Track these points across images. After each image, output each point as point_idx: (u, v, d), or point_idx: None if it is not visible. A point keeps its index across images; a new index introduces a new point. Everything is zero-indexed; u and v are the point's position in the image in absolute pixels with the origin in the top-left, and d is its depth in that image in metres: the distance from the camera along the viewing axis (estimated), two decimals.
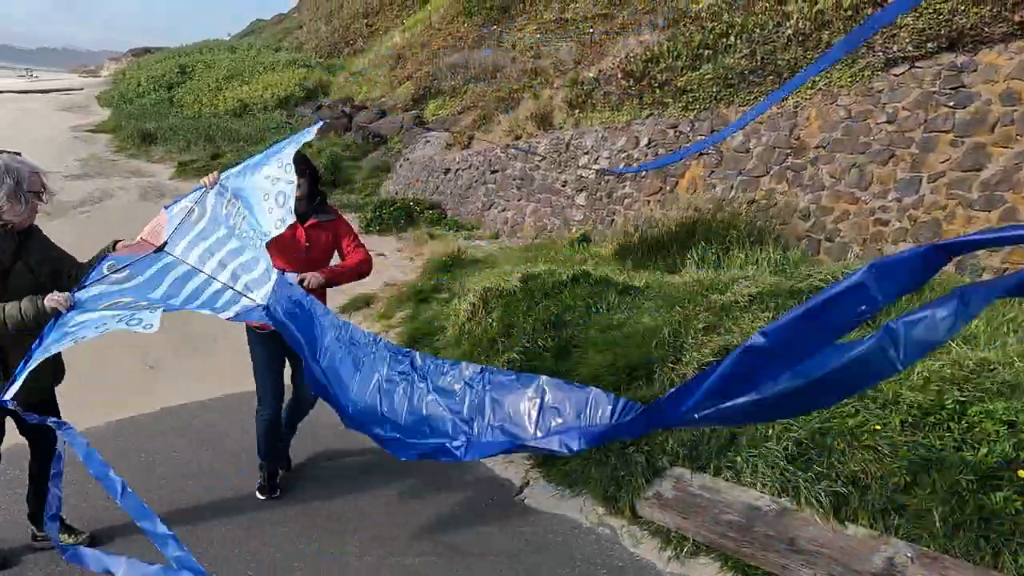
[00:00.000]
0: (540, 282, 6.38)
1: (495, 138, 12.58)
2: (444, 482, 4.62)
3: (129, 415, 5.54)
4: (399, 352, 3.48)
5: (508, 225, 11.28)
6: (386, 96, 22.93)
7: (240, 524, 4.11)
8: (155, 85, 34.64)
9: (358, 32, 36.92)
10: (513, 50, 20.55)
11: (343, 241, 4.27)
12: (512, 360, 5.43)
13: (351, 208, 13.43)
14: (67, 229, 11.26)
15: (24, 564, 3.74)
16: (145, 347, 6.85)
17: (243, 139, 19.96)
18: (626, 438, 3.54)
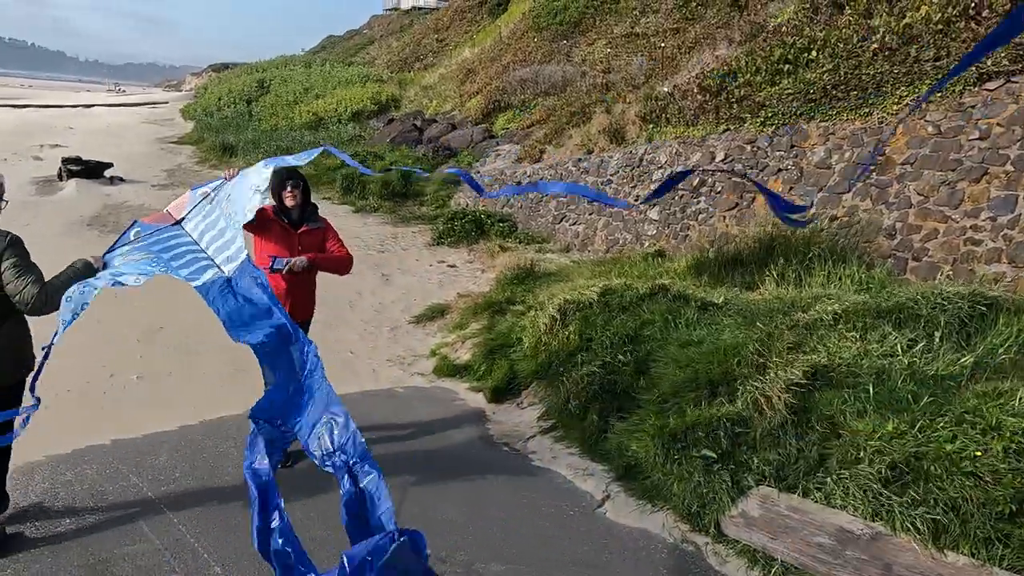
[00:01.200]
0: (618, 296, 6.39)
1: (567, 152, 12.65)
2: (523, 491, 4.67)
3: (219, 415, 5.78)
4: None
5: (579, 239, 11.31)
6: (456, 110, 23.30)
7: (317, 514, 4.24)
8: (235, 99, 36.00)
9: (428, 47, 37.67)
10: (583, 64, 20.65)
11: (328, 243, 4.85)
12: (591, 373, 5.46)
13: (422, 220, 13.69)
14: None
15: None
16: (233, 351, 7.12)
17: None
18: None
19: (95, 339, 7.08)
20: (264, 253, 4.71)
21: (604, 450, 5.02)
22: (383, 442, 5.40)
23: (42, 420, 5.45)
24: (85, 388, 6.08)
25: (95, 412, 5.67)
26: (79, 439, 5.17)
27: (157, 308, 8.11)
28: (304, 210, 4.76)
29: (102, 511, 4.30)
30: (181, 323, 7.78)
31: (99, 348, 6.90)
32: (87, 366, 6.49)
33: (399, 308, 8.79)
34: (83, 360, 6.53)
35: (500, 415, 5.99)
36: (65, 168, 16.82)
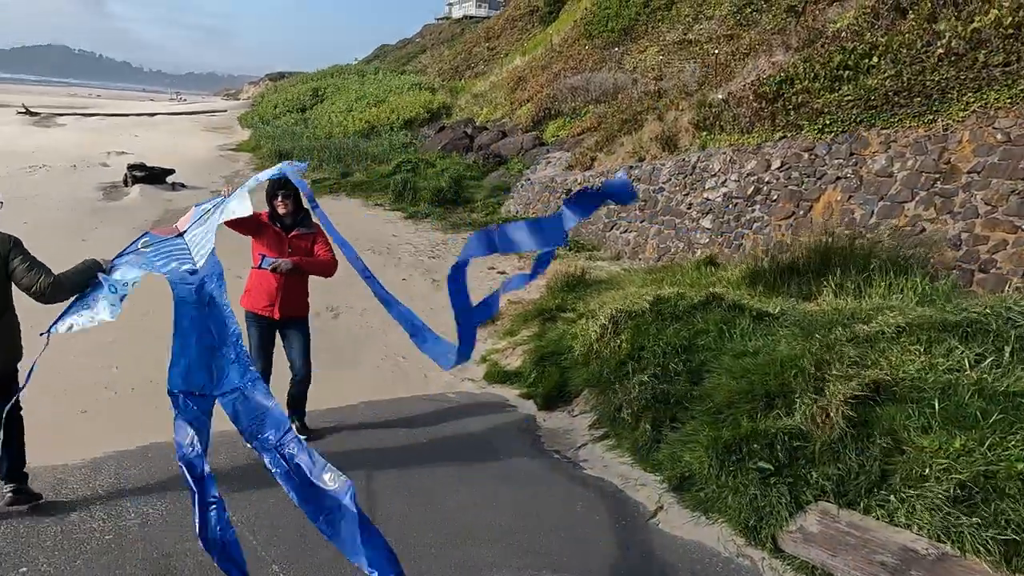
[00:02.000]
0: (671, 305, 6.32)
1: (618, 159, 12.60)
2: (574, 499, 4.65)
3: None
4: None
5: (630, 247, 11.25)
6: (506, 117, 23.43)
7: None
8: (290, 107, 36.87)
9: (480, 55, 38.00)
10: (635, 72, 20.56)
11: (316, 247, 5.17)
12: (644, 383, 5.41)
13: (472, 226, 13.77)
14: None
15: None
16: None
17: (370, 158, 20.88)
18: None
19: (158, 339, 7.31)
20: (257, 254, 5.16)
21: (656, 460, 4.97)
22: (434, 447, 5.44)
23: (109, 416, 5.67)
24: (148, 387, 6.27)
25: (160, 410, 5.83)
26: (144, 436, 5.34)
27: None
28: (295, 216, 5.12)
29: (165, 506, 4.43)
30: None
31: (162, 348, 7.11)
32: (150, 365, 6.70)
33: (450, 314, 8.81)
34: (146, 359, 6.74)
35: (551, 422, 5.98)
36: (130, 174, 17.44)
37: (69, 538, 4.04)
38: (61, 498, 4.45)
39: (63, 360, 6.63)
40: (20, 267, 3.87)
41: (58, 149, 23.86)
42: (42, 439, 5.18)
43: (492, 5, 65.50)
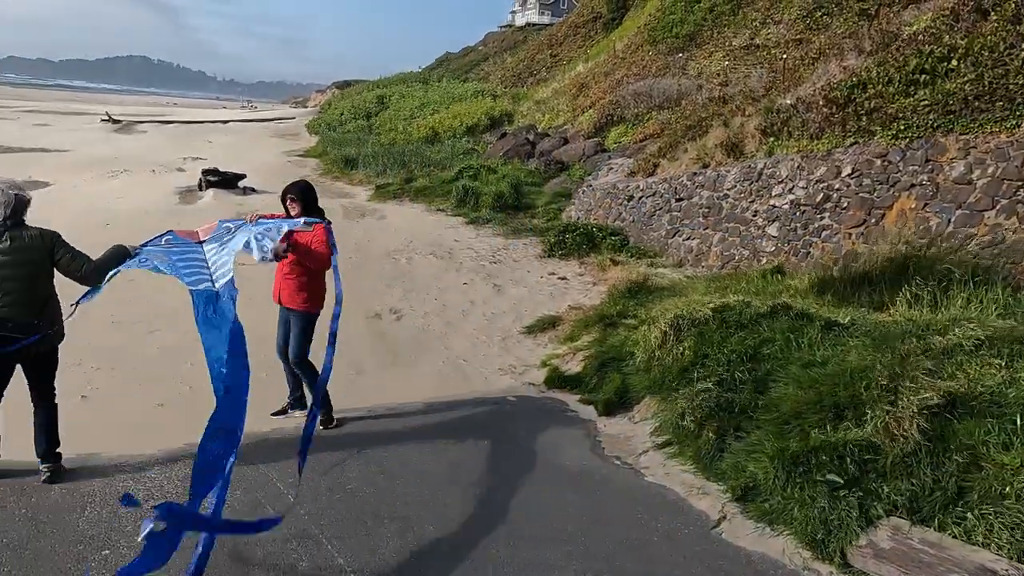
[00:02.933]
0: (735, 313, 6.23)
1: (682, 166, 12.46)
2: (636, 506, 4.62)
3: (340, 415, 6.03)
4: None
5: (693, 254, 11.10)
6: (568, 124, 23.44)
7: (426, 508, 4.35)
8: (355, 114, 37.66)
9: (542, 62, 38.13)
10: (700, 77, 20.31)
11: (313, 243, 5.56)
12: (707, 391, 5.35)
13: (533, 232, 13.82)
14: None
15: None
16: (355, 354, 7.45)
17: (433, 164, 21.16)
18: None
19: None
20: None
21: (720, 469, 4.90)
22: (494, 448, 5.48)
23: (184, 410, 5.90)
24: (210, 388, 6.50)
25: None
26: None
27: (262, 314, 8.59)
28: (305, 215, 5.62)
29: (236, 499, 4.58)
30: None
31: None
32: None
33: (510, 318, 8.91)
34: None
35: (611, 428, 5.96)
36: (204, 179, 18.12)
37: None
38: (140, 486, 4.65)
39: (142, 356, 6.94)
40: (65, 258, 4.51)
41: (138, 155, 24.95)
42: (122, 431, 5.45)
43: (555, 12, 65.69)
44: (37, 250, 4.46)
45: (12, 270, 4.36)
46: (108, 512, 4.33)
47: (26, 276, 4.41)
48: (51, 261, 4.51)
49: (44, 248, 4.49)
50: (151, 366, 6.76)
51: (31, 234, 4.50)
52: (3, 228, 4.42)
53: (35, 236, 4.51)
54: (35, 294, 4.45)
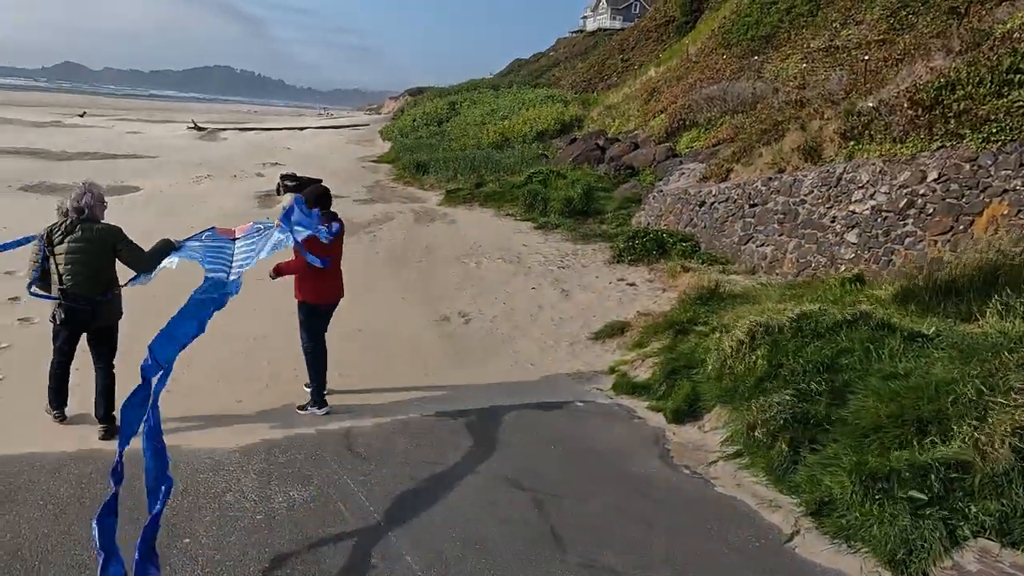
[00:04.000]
0: (813, 322, 6.04)
1: (756, 171, 12.18)
2: (705, 516, 4.53)
3: (408, 415, 6.12)
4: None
5: (767, 261, 10.82)
6: (639, 129, 23.22)
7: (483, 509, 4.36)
8: (427, 120, 38.24)
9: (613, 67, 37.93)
10: (776, 80, 19.81)
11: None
12: (782, 401, 5.20)
13: (602, 237, 13.72)
14: (354, 247, 12.78)
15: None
16: (424, 356, 7.55)
17: (503, 169, 21.27)
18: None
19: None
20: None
21: (793, 482, 4.75)
22: (560, 453, 5.46)
23: (260, 406, 6.09)
24: (295, 382, 6.69)
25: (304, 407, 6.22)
26: (291, 427, 5.71)
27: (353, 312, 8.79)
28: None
29: (310, 493, 4.71)
30: (374, 326, 8.37)
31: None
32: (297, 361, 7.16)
33: (578, 323, 8.87)
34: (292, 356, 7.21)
35: (680, 437, 5.85)
36: (282, 183, 18.59)
37: (225, 515, 4.38)
38: (218, 479, 4.83)
39: (222, 353, 7.21)
40: (126, 249, 5.42)
41: (220, 161, 25.97)
42: (202, 425, 5.67)
43: (627, 17, 65.25)
44: (102, 242, 5.33)
45: (82, 256, 5.25)
46: (189, 502, 4.51)
47: (92, 262, 5.29)
48: (113, 251, 5.38)
49: (108, 240, 5.36)
50: (229, 363, 7.01)
51: (99, 228, 5.36)
52: (78, 222, 5.30)
53: (102, 230, 5.38)
54: (99, 277, 5.34)
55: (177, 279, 6.05)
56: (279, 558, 3.98)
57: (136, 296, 5.96)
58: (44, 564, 3.83)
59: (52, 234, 5.28)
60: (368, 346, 7.74)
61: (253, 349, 7.43)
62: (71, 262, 5.22)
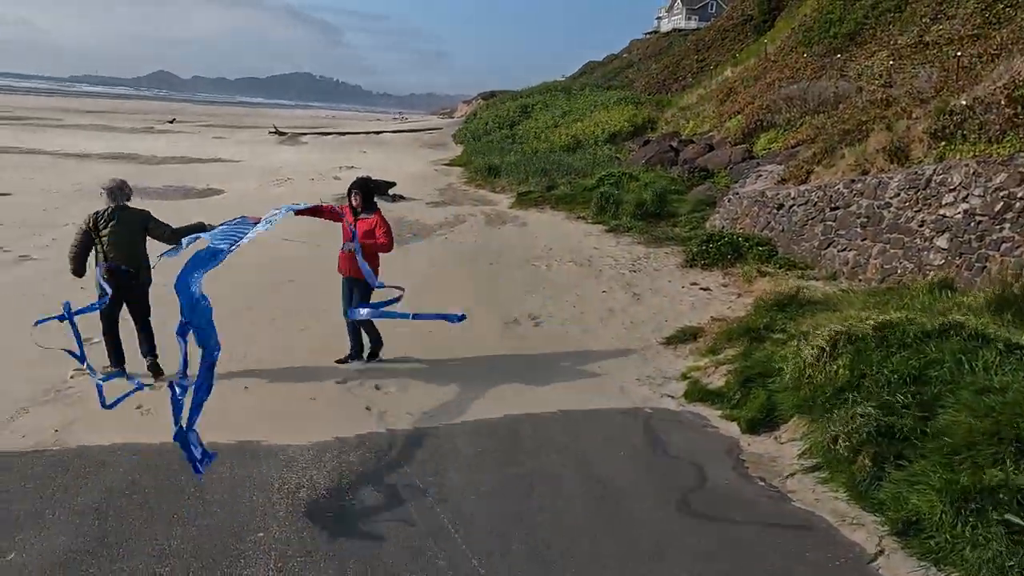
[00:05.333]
0: (899, 331, 5.75)
1: (838, 173, 11.73)
2: (782, 530, 4.36)
3: (476, 418, 6.12)
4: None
5: (848, 266, 10.40)
6: (714, 130, 22.75)
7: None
8: (499, 124, 38.44)
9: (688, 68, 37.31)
10: (859, 79, 19.08)
11: (376, 228, 6.98)
12: (865, 414, 4.96)
13: (675, 241, 13.48)
14: (426, 249, 12.94)
15: None
16: (494, 359, 7.56)
17: (574, 172, 21.18)
18: None
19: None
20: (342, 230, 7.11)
21: (877, 499, 4.52)
22: (629, 460, 5.37)
23: (333, 405, 6.21)
24: (367, 382, 6.80)
25: (374, 408, 6.32)
26: (362, 426, 5.80)
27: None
28: (364, 206, 7.09)
29: (379, 492, 4.77)
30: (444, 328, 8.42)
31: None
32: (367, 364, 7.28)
33: (649, 328, 8.72)
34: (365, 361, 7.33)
35: (755, 447, 5.66)
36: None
37: (297, 511, 4.48)
38: (292, 474, 4.94)
39: (295, 353, 7.39)
40: (156, 227, 6.57)
41: (300, 164, 26.77)
42: (278, 421, 5.82)
43: (703, 17, 64.11)
44: (136, 223, 6.52)
45: (120, 236, 6.39)
46: (263, 496, 4.63)
47: (128, 240, 6.43)
48: (145, 231, 6.54)
49: (141, 222, 6.54)
50: (304, 362, 7.17)
51: (132, 212, 6.57)
52: (116, 210, 6.46)
53: (135, 213, 6.58)
54: (133, 252, 6.46)
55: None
56: (348, 556, 4.04)
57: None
58: (127, 552, 3.99)
59: (97, 221, 6.40)
60: (438, 348, 7.80)
61: (324, 349, 7.58)
62: (112, 241, 6.37)
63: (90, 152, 25.73)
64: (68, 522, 4.24)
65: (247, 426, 5.62)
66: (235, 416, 5.79)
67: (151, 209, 6.94)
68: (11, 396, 5.92)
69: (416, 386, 6.73)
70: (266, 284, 9.93)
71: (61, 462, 4.94)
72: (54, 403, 5.89)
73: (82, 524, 4.22)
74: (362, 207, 7.09)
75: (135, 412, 5.81)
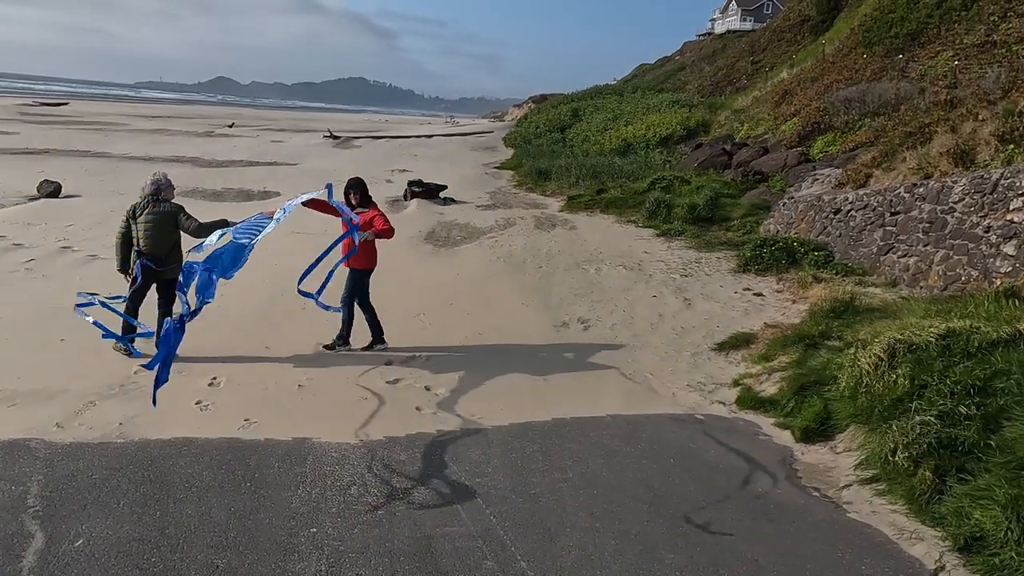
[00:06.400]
0: (962, 340, 5.57)
1: (899, 176, 11.40)
2: (837, 543, 4.26)
3: (524, 420, 6.14)
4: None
5: (909, 273, 10.09)
6: (769, 133, 22.33)
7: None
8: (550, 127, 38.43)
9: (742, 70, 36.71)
10: (922, 80, 18.50)
11: (375, 220, 7.51)
12: (926, 424, 4.81)
13: (727, 246, 13.28)
14: (476, 252, 13.02)
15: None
16: (542, 362, 7.57)
17: (625, 176, 21.03)
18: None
19: (434, 340, 7.99)
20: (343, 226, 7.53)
21: (938, 513, 4.38)
22: (680, 467, 5.31)
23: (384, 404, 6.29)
24: (418, 383, 6.87)
25: (427, 407, 6.39)
26: (413, 426, 5.86)
27: (474, 316, 8.94)
28: (361, 203, 7.74)
29: (429, 492, 4.82)
30: (494, 331, 8.47)
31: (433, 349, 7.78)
32: (418, 364, 7.36)
33: (701, 334, 8.61)
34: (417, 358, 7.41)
35: (809, 456, 5.54)
36: (409, 189, 19.34)
37: (349, 508, 4.56)
38: (344, 472, 5.03)
39: (347, 353, 7.52)
40: (185, 221, 7.06)
41: (353, 167, 27.19)
42: (330, 419, 5.93)
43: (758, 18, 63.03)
44: (169, 216, 7.05)
45: (154, 228, 6.98)
46: (317, 492, 4.72)
47: (161, 232, 7.00)
48: (176, 223, 7.05)
49: (172, 215, 7.07)
50: (355, 363, 7.29)
51: (167, 205, 7.10)
52: (152, 202, 7.03)
53: (168, 206, 7.11)
54: (166, 243, 7.04)
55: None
56: (398, 554, 4.09)
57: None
58: (186, 543, 4.12)
59: (135, 210, 7.04)
60: (487, 351, 7.84)
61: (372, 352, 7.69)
62: (146, 230, 6.97)
63: (154, 156, 26.61)
64: (132, 512, 4.39)
65: (301, 424, 5.75)
66: (290, 414, 5.93)
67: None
68: (79, 390, 6.16)
69: (465, 388, 6.78)
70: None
71: (125, 454, 5.12)
72: (118, 397, 6.11)
73: (144, 514, 4.38)
74: (359, 204, 7.76)
75: (194, 408, 5.99)
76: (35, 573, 3.79)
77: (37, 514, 4.31)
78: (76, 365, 6.71)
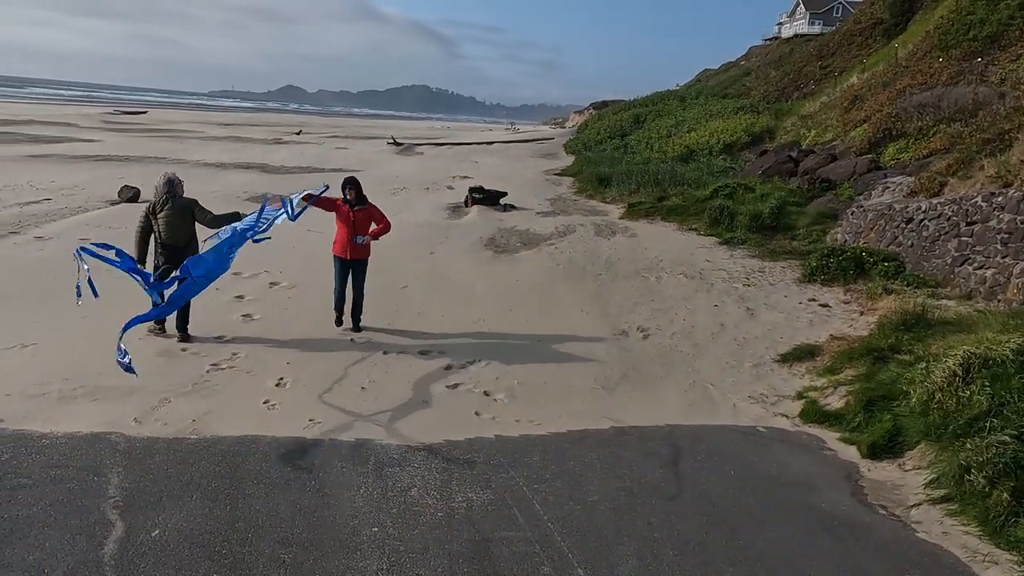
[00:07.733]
0: None
1: (976, 184, 10.97)
2: (904, 564, 4.14)
3: (583, 427, 6.14)
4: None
5: (986, 285, 9.69)
6: (837, 139, 21.75)
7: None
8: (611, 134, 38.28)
9: (810, 75, 35.84)
10: (1002, 84, 17.75)
11: (374, 217, 8.31)
12: (1003, 443, 4.63)
13: (792, 255, 12.99)
14: (535, 258, 13.05)
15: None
16: (602, 370, 7.56)
17: (687, 183, 20.77)
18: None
19: (493, 348, 8.07)
20: (338, 221, 8.27)
21: (1014, 537, 4.21)
22: (742, 480, 5.23)
23: (444, 408, 6.39)
24: (476, 387, 6.95)
25: (484, 413, 6.45)
26: (471, 430, 5.94)
27: (533, 323, 8.98)
28: (358, 200, 8.23)
29: (488, 496, 4.87)
30: (553, 338, 8.49)
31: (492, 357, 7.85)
32: (477, 368, 7.44)
33: (763, 344, 8.45)
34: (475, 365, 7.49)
35: (876, 473, 5.39)
36: (470, 196, 19.54)
37: (410, 509, 4.65)
38: (404, 474, 5.13)
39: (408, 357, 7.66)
40: (200, 213, 7.80)
41: (416, 174, 27.64)
42: (391, 421, 6.05)
43: (827, 22, 61.45)
44: (186, 210, 7.78)
45: (172, 221, 7.70)
46: (378, 492, 4.83)
47: (179, 224, 7.72)
48: (192, 216, 7.78)
49: (189, 208, 7.79)
50: (416, 368, 7.41)
51: (183, 200, 7.83)
52: (169, 198, 7.71)
53: (184, 200, 7.84)
54: (184, 234, 7.76)
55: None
56: (457, 556, 4.16)
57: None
58: (255, 536, 4.27)
59: (156, 207, 7.71)
60: (546, 358, 7.87)
61: (432, 356, 7.80)
62: (167, 223, 7.69)
63: (225, 162, 27.57)
64: (203, 505, 4.58)
65: (363, 426, 5.89)
66: (352, 415, 6.08)
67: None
68: (155, 388, 6.45)
69: (524, 394, 6.83)
70: (384, 285, 10.30)
71: (198, 450, 5.34)
72: (191, 395, 6.37)
73: (215, 508, 4.56)
74: (356, 200, 8.22)
75: (263, 407, 6.19)
76: (115, 560, 3.99)
77: (117, 504, 4.54)
78: (152, 363, 7.01)
